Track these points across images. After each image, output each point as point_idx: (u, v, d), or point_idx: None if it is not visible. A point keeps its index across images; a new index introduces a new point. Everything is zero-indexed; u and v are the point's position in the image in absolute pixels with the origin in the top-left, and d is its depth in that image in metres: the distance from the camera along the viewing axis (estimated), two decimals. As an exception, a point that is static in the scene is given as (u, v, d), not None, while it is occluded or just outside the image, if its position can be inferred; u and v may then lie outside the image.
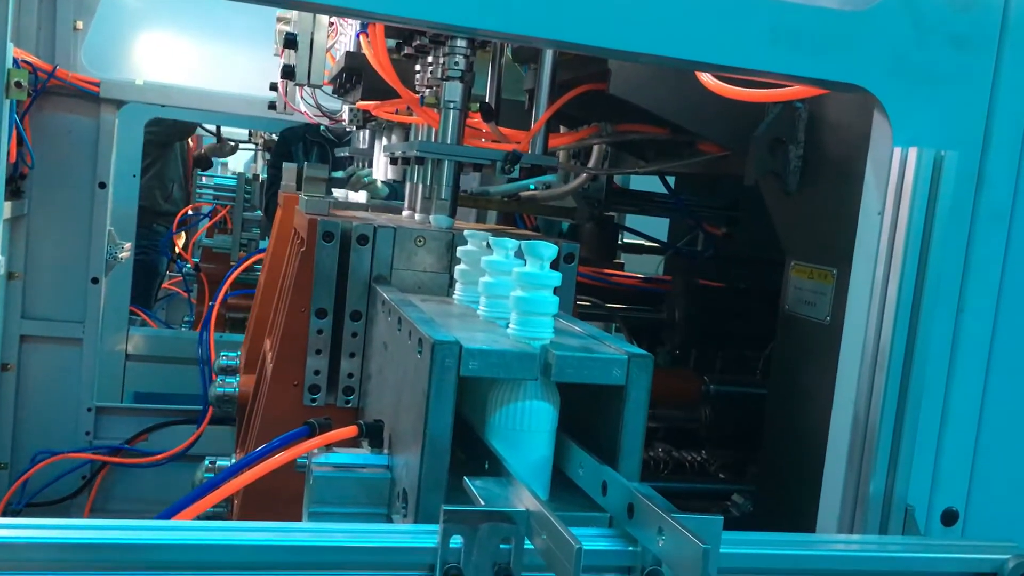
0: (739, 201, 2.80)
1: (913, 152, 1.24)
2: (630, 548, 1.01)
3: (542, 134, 1.79)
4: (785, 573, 1.06)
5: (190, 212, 5.75)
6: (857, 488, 1.30)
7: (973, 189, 1.29)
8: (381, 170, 2.47)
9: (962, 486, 1.33)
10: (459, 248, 1.48)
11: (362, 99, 2.30)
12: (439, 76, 1.79)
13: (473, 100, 1.77)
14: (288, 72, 2.13)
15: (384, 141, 2.50)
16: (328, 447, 1.30)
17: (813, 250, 1.60)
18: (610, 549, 1.01)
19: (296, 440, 1.28)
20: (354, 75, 2.38)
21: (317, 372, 1.64)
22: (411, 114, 1.97)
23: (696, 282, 2.58)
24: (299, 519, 1.29)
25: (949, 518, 1.33)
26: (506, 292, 1.25)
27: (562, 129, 2.36)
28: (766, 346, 2.38)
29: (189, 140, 6.28)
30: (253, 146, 7.66)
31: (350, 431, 1.30)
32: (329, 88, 2.65)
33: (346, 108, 2.82)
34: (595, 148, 2.39)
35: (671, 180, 2.97)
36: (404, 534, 0.99)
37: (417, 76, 1.99)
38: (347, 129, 3.13)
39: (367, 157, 2.73)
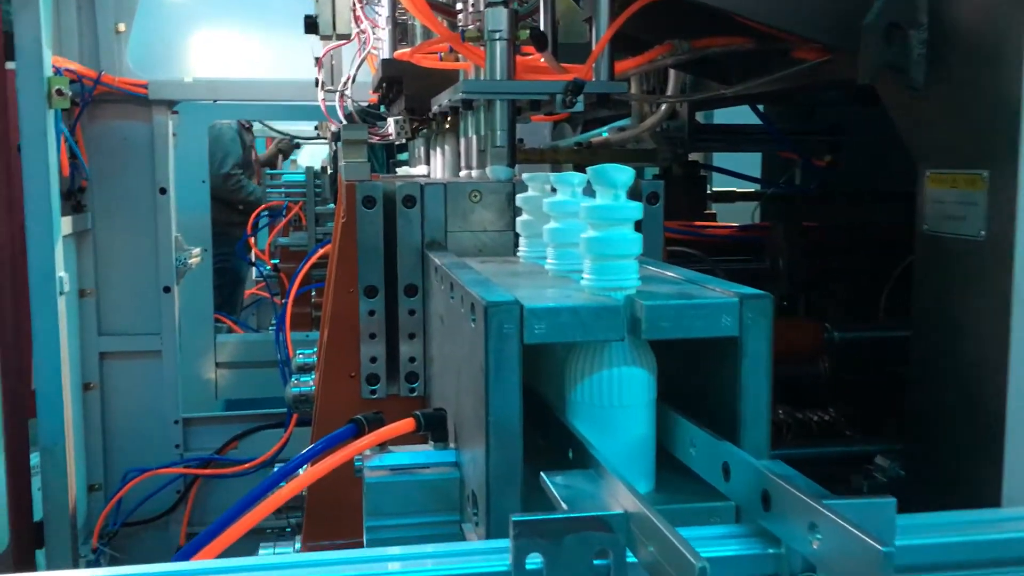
0: (842, 125, 2.48)
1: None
2: (770, 551, 0.74)
3: (606, 58, 1.52)
4: (984, 564, 0.78)
5: (264, 213, 5.65)
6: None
7: None
8: (439, 174, 2.24)
9: None
10: (519, 195, 1.24)
11: (406, 108, 2.08)
12: (481, 6, 1.54)
13: (522, 28, 1.52)
14: (311, 25, 1.91)
15: (438, 149, 2.26)
16: (383, 447, 1.07)
17: (954, 152, 1.29)
18: (744, 554, 0.74)
19: (341, 442, 1.06)
20: (394, 84, 2.15)
21: (374, 359, 1.43)
22: (458, 59, 1.73)
23: (798, 225, 2.29)
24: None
25: None
26: (577, 238, 1.00)
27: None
28: (883, 286, 2.09)
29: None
30: (324, 141, 7.54)
31: (405, 425, 1.07)
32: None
33: (391, 121, 2.61)
34: (671, 76, 2.11)
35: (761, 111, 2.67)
36: (466, 556, 0.75)
37: (460, 17, 1.75)
38: (396, 143, 2.90)
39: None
